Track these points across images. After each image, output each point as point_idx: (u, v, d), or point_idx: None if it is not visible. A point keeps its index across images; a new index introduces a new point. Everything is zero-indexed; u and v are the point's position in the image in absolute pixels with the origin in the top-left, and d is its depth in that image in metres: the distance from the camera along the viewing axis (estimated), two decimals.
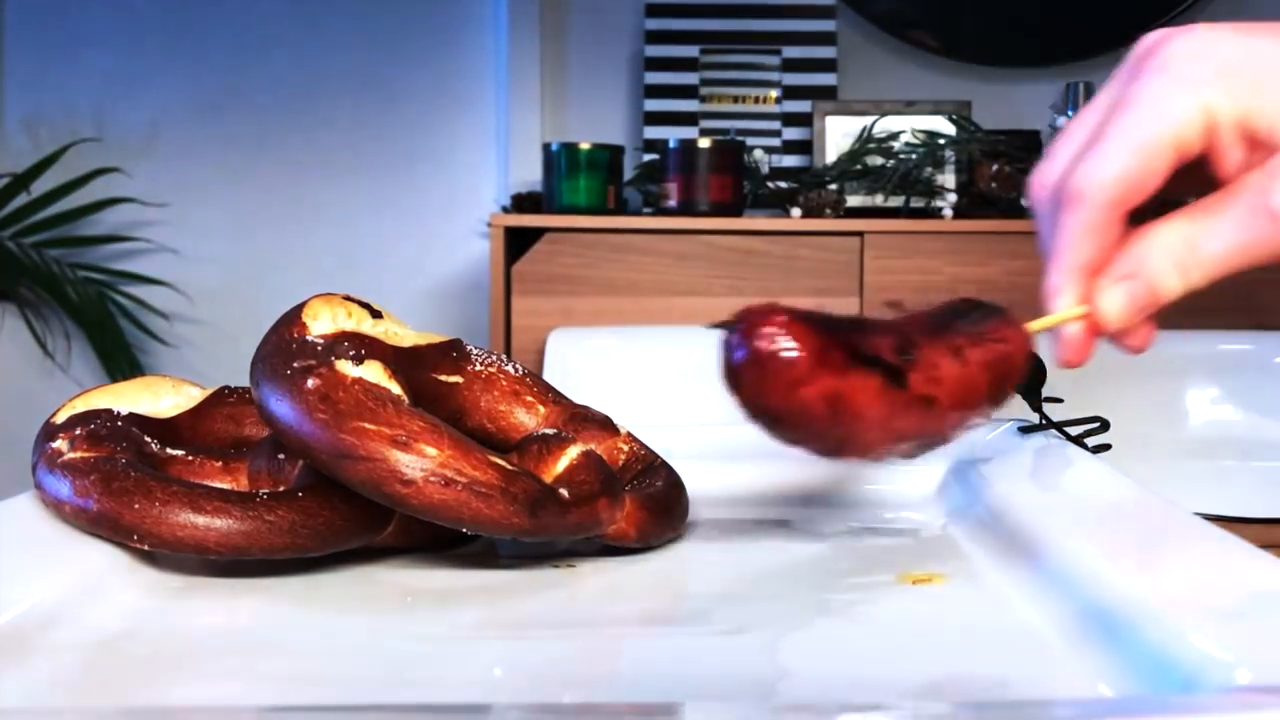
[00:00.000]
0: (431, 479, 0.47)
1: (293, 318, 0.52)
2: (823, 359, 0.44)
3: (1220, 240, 0.50)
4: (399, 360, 0.52)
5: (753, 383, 0.44)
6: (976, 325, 0.50)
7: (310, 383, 0.48)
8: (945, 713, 0.36)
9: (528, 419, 0.57)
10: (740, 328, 0.44)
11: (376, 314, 0.54)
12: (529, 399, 0.57)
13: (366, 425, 0.47)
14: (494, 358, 0.57)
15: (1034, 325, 0.52)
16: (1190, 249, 0.50)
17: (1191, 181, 0.52)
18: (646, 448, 0.59)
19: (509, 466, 0.49)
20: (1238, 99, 0.48)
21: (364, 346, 0.51)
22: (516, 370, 0.58)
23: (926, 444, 0.49)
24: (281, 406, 0.49)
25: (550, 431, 0.56)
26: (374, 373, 0.50)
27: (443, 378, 0.55)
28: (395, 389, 0.50)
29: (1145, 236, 0.50)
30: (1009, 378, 0.50)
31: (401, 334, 0.54)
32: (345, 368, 0.50)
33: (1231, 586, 0.42)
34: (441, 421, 0.49)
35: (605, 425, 0.58)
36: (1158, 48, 0.50)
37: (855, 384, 0.44)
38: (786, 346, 0.44)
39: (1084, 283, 0.51)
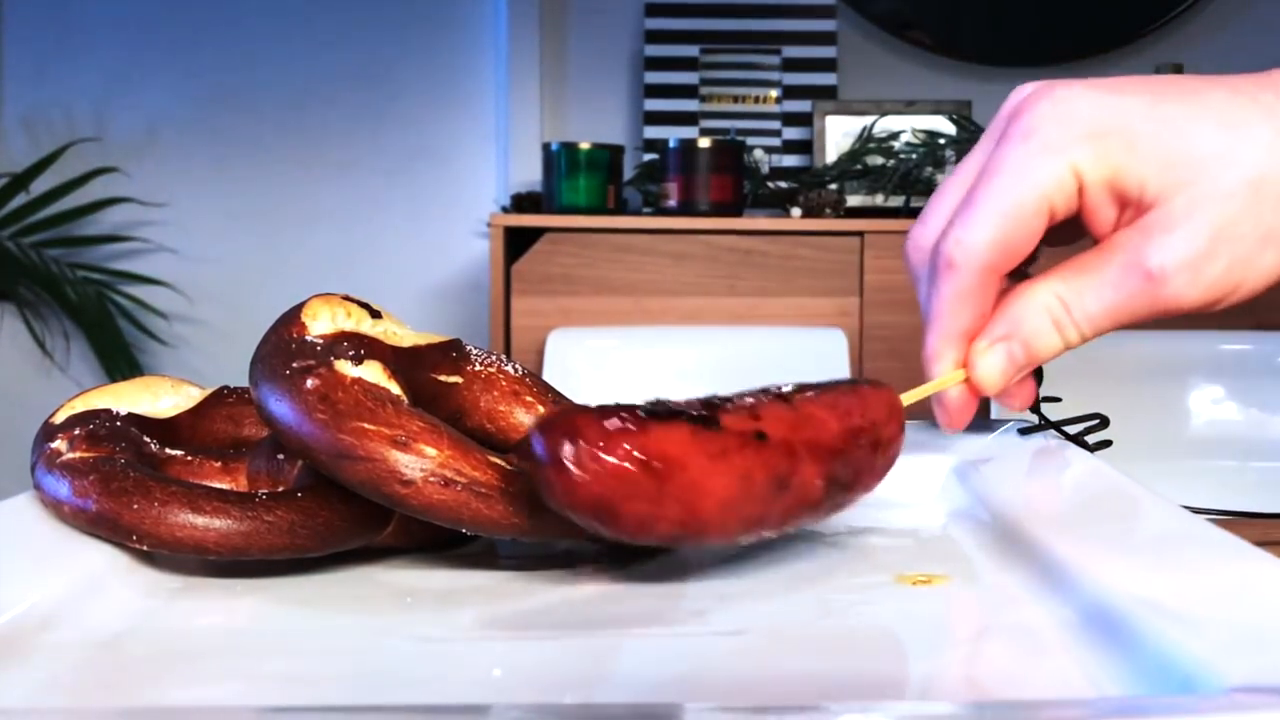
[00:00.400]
0: (431, 479, 0.47)
1: (292, 318, 0.52)
2: (620, 425, 0.43)
3: (1096, 300, 0.50)
4: (398, 360, 0.52)
5: (565, 472, 0.43)
6: (827, 385, 0.49)
7: (309, 383, 0.48)
8: (945, 713, 0.36)
9: (527, 419, 0.57)
10: (537, 435, 0.44)
11: (376, 314, 0.54)
12: (529, 399, 0.57)
13: (366, 425, 0.47)
14: (493, 358, 0.57)
15: (909, 396, 0.53)
16: (1066, 309, 0.50)
17: (1067, 234, 0.53)
18: None
19: (509, 466, 0.49)
20: (1105, 159, 0.48)
21: (363, 346, 0.51)
22: (516, 370, 0.58)
23: (812, 505, 0.47)
24: (280, 406, 0.49)
25: None
26: (373, 373, 0.50)
27: (442, 378, 0.55)
28: (395, 389, 0.50)
29: (1020, 296, 0.51)
30: (869, 426, 0.49)
31: (401, 334, 0.54)
32: (344, 368, 0.49)
33: (1231, 586, 0.42)
34: (441, 421, 0.49)
35: None
36: (1022, 111, 0.50)
37: (659, 435, 0.43)
38: (583, 423, 0.44)
39: (962, 348, 0.52)
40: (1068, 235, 0.54)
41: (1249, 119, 0.48)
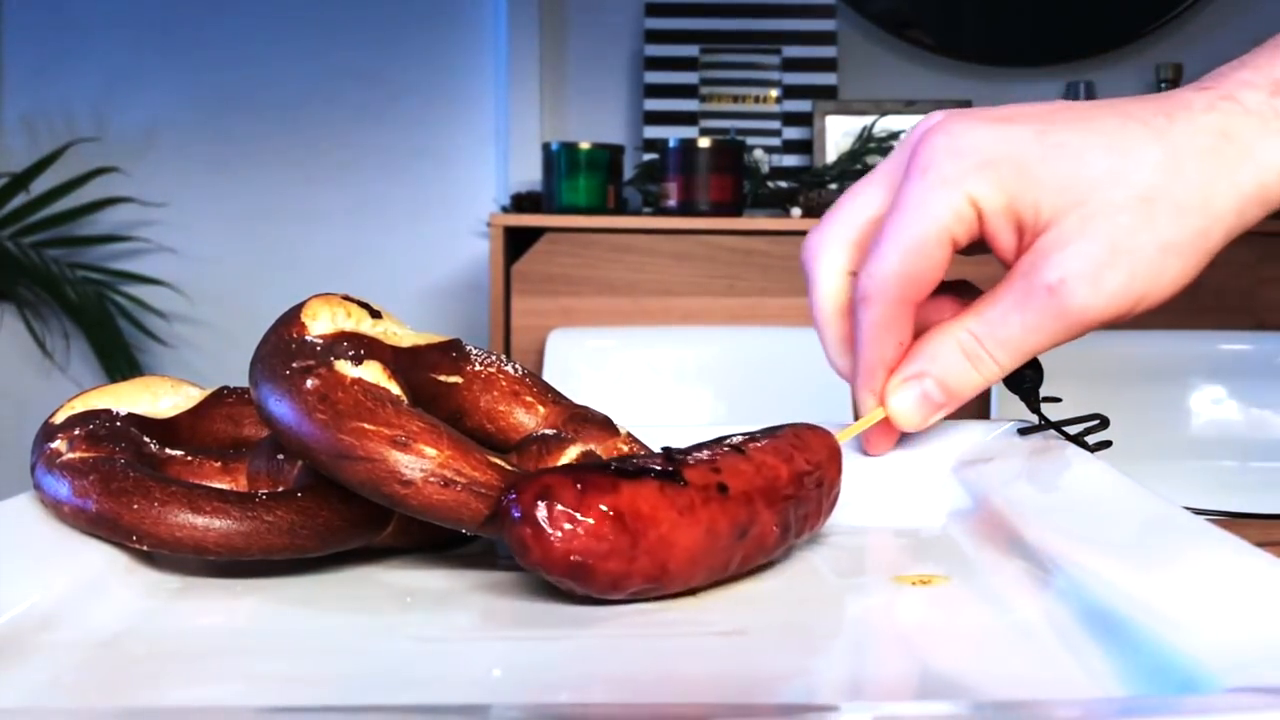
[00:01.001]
0: (431, 479, 0.47)
1: (291, 318, 0.52)
2: (590, 486, 0.44)
3: (1004, 326, 0.52)
4: (398, 360, 0.52)
5: (541, 533, 0.44)
6: (771, 432, 0.52)
7: (309, 383, 0.48)
8: (946, 713, 0.36)
9: (527, 419, 0.57)
10: (512, 497, 0.45)
11: (376, 314, 0.54)
12: (529, 399, 0.57)
13: (365, 425, 0.47)
14: (493, 358, 0.57)
15: (842, 435, 0.55)
16: (978, 341, 0.52)
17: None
18: (647, 448, 0.59)
19: (508, 467, 0.49)
20: (999, 187, 0.50)
21: (363, 346, 0.51)
22: (516, 370, 0.58)
23: (767, 549, 0.49)
24: (280, 407, 0.49)
25: (550, 432, 0.56)
26: (373, 373, 0.50)
27: (442, 378, 0.55)
28: (395, 389, 0.50)
29: (933, 335, 0.53)
30: (814, 468, 0.51)
31: (401, 334, 0.54)
32: (344, 368, 0.49)
33: (1231, 586, 0.42)
34: (441, 422, 0.49)
35: (605, 426, 0.58)
36: (920, 148, 0.52)
37: (630, 493, 0.44)
38: (556, 483, 0.45)
39: (881, 379, 0.55)
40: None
41: (1139, 141, 0.50)
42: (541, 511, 0.44)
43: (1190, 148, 0.50)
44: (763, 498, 0.48)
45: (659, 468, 0.46)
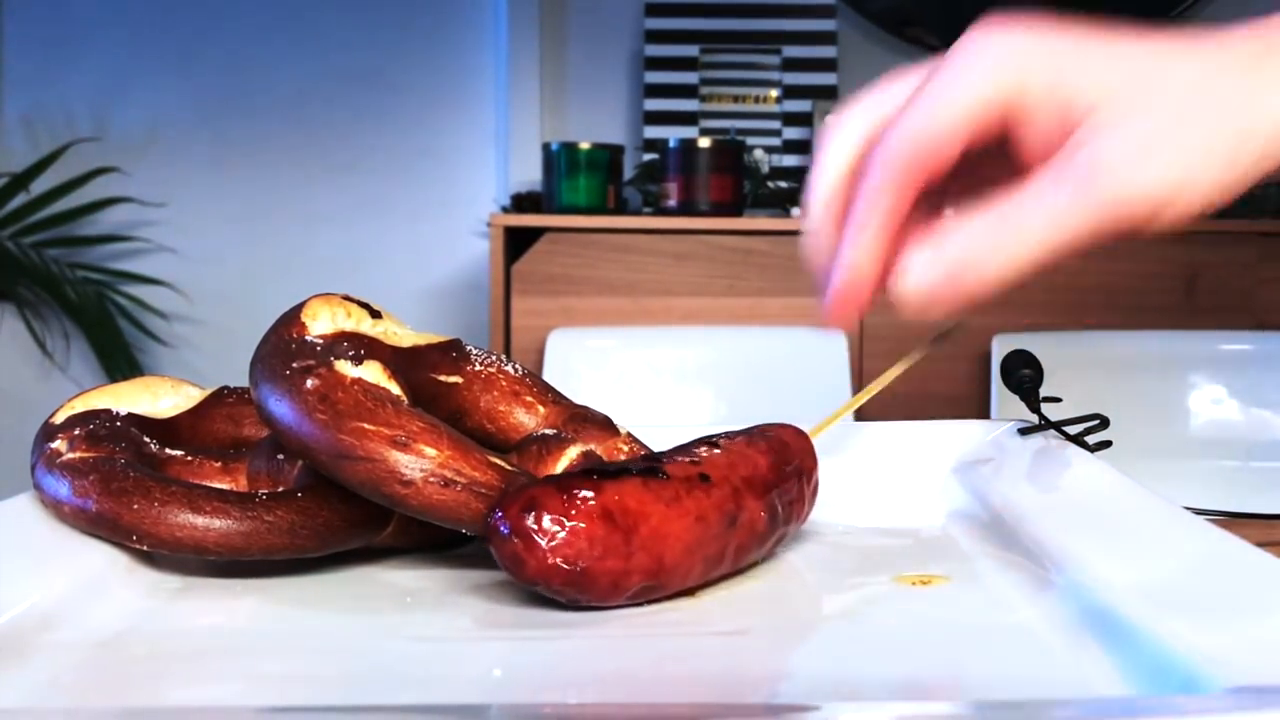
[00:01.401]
0: (431, 479, 0.47)
1: (291, 318, 0.52)
2: (575, 490, 0.45)
3: (1040, 211, 0.47)
4: (398, 360, 0.52)
5: (533, 544, 0.44)
6: (742, 431, 0.53)
7: (309, 383, 0.48)
8: (945, 713, 0.36)
9: (527, 419, 0.57)
10: (498, 514, 0.45)
11: (376, 314, 0.54)
12: (529, 399, 0.57)
13: (365, 425, 0.47)
14: (493, 358, 0.57)
15: (815, 430, 0.55)
16: (1010, 226, 0.47)
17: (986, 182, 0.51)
18: (647, 448, 0.59)
19: (508, 467, 0.49)
20: (1051, 66, 0.47)
21: (363, 346, 0.51)
22: (516, 370, 0.58)
23: (759, 538, 0.50)
24: (280, 407, 0.49)
25: (550, 432, 0.56)
26: (373, 373, 0.50)
27: (442, 378, 0.55)
28: (395, 389, 0.50)
29: (960, 220, 0.48)
30: (792, 458, 0.52)
31: (401, 334, 0.54)
32: (344, 368, 0.49)
33: (1231, 586, 0.42)
34: (441, 422, 0.49)
35: (605, 426, 0.58)
36: (969, 33, 0.49)
37: (614, 491, 0.45)
38: (540, 493, 0.45)
39: (878, 242, 0.49)
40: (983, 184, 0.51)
41: (1182, 48, 0.49)
42: (530, 522, 0.44)
43: (1232, 57, 0.48)
44: (745, 485, 0.49)
45: (639, 466, 0.47)
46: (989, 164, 0.50)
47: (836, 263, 0.51)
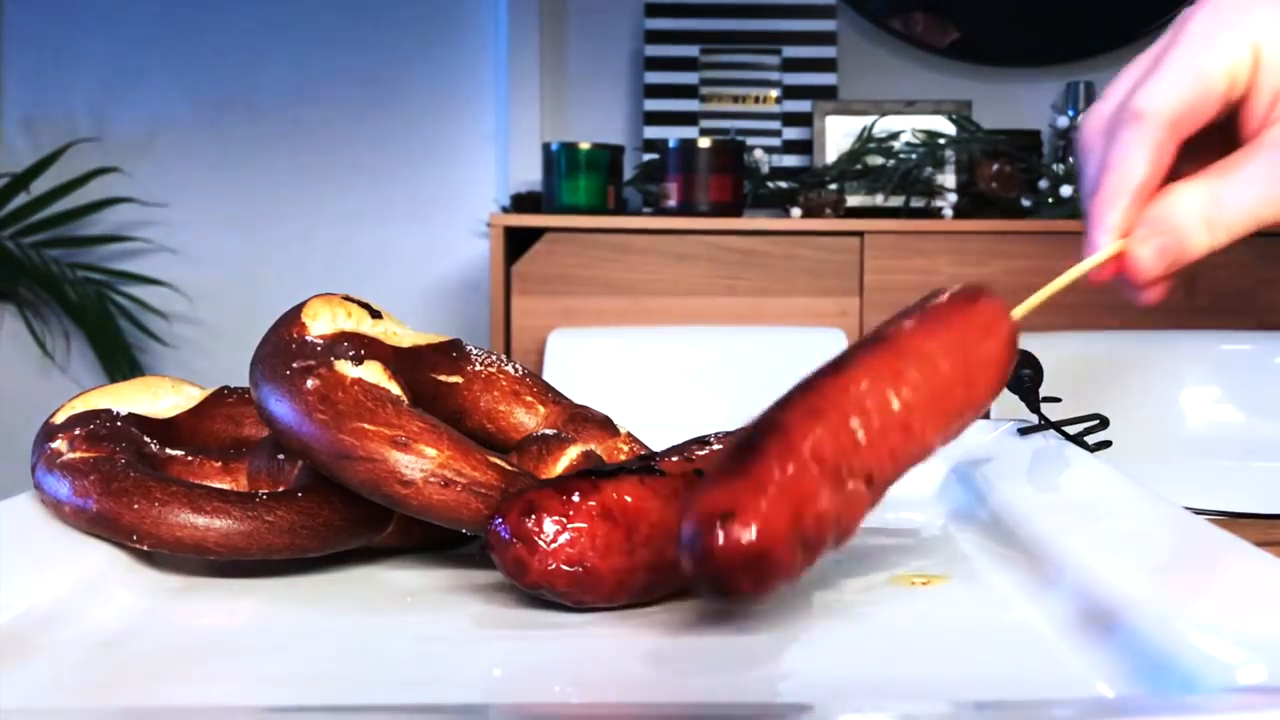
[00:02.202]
0: (431, 479, 0.47)
1: (292, 318, 0.52)
2: (573, 491, 0.45)
3: (1245, 195, 0.51)
4: (399, 360, 0.52)
5: (536, 546, 0.44)
6: (730, 432, 0.52)
7: (310, 383, 0.48)
8: (945, 713, 0.36)
9: (528, 419, 0.57)
10: (499, 520, 0.45)
11: (376, 314, 0.54)
12: (529, 399, 0.57)
13: (366, 426, 0.47)
14: (494, 358, 0.57)
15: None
16: (1216, 204, 0.51)
17: (1205, 153, 0.54)
18: (647, 448, 0.59)
19: (508, 467, 0.49)
20: (1278, 46, 0.50)
21: (363, 347, 0.51)
22: (516, 370, 0.58)
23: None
24: (281, 407, 0.49)
25: (550, 432, 0.56)
26: (373, 373, 0.50)
27: (442, 378, 0.55)
28: (395, 389, 0.50)
29: (1170, 195, 0.51)
30: None
31: (401, 334, 0.54)
32: (345, 368, 0.49)
33: (1231, 586, 0.42)
34: (441, 422, 0.49)
35: (605, 425, 0.58)
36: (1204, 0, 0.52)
37: (612, 489, 0.45)
38: (540, 497, 0.45)
39: (1132, 202, 0.51)
40: (1202, 157, 0.54)
41: None
42: (531, 525, 0.44)
43: None
44: None
45: (635, 466, 0.47)
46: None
47: (1095, 221, 0.52)
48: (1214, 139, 0.53)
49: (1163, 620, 0.38)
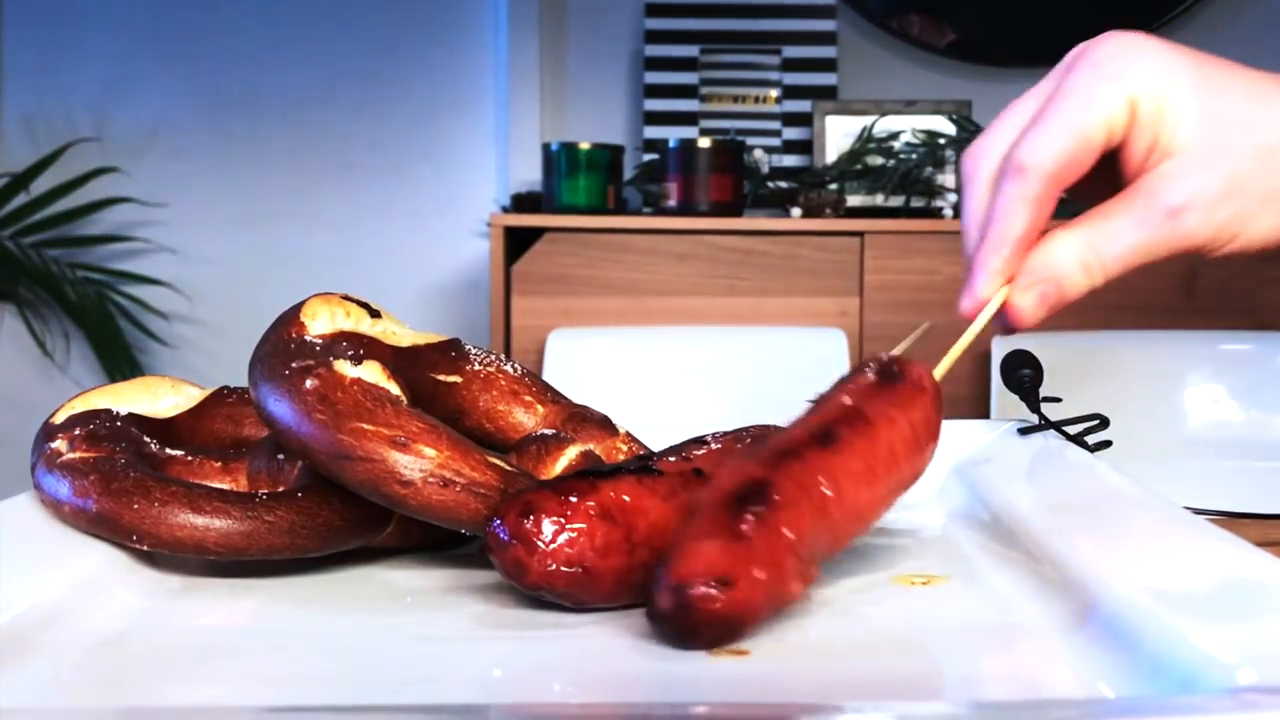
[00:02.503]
0: (430, 480, 0.47)
1: (291, 317, 0.52)
2: (571, 492, 0.45)
3: (1121, 241, 0.55)
4: (397, 360, 0.52)
5: (535, 547, 0.44)
6: (731, 431, 0.53)
7: (309, 383, 0.48)
8: (945, 713, 0.36)
9: (526, 418, 0.57)
10: (497, 522, 0.45)
11: (375, 313, 0.54)
12: (528, 398, 0.57)
13: (365, 426, 0.47)
14: (492, 357, 0.57)
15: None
16: (1094, 251, 0.55)
17: (1095, 188, 0.58)
18: (645, 447, 0.59)
19: (508, 467, 0.49)
20: (1155, 98, 0.55)
21: (362, 346, 0.51)
22: (515, 370, 0.58)
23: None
24: (280, 407, 0.49)
25: (549, 432, 0.56)
26: (372, 373, 0.50)
27: (441, 377, 0.55)
28: (394, 389, 0.50)
29: (1051, 243, 0.56)
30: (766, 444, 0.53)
31: (400, 333, 0.54)
32: (344, 368, 0.49)
33: (1231, 586, 0.42)
34: (440, 422, 0.49)
35: (604, 425, 0.58)
36: (1090, 48, 0.57)
37: (610, 489, 0.45)
38: (538, 498, 0.45)
39: (1014, 254, 0.55)
40: (1092, 191, 0.59)
41: (1273, 97, 0.55)
42: (530, 526, 0.44)
43: None
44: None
45: (632, 466, 0.47)
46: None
47: (979, 271, 0.57)
48: (1098, 172, 0.56)
49: (1163, 620, 0.38)
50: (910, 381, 0.51)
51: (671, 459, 0.49)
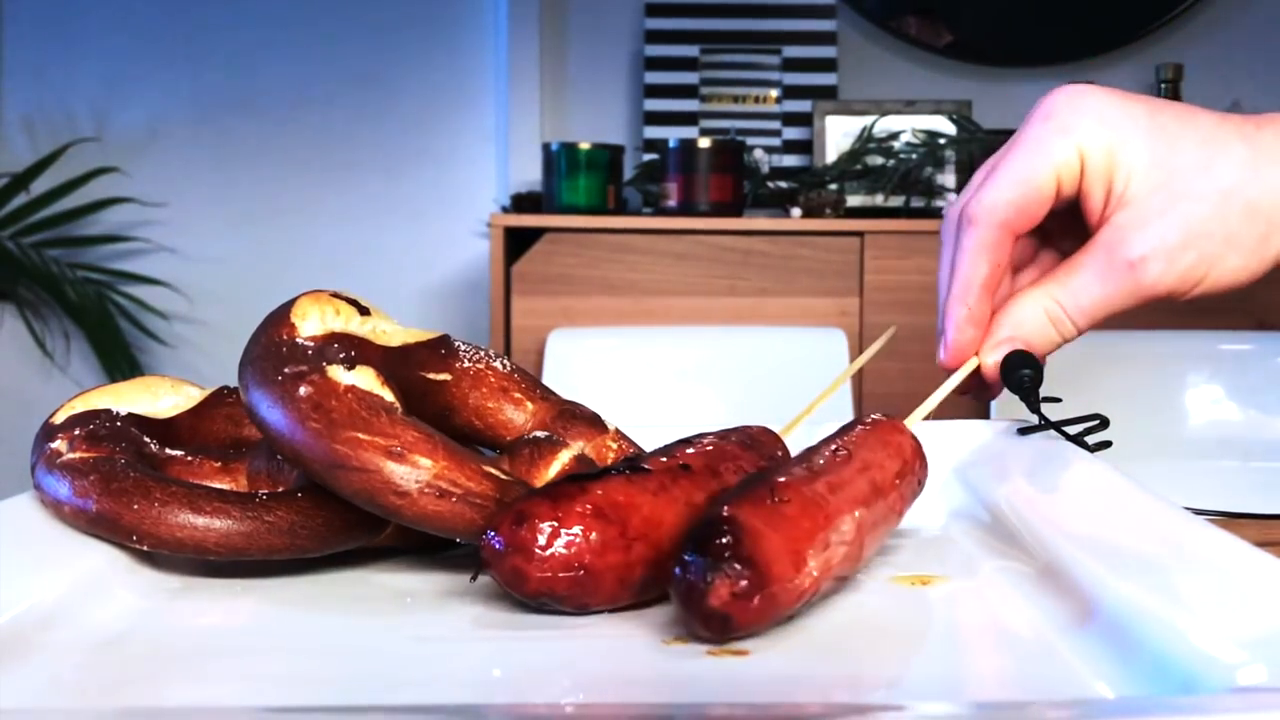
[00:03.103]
0: (426, 490, 0.47)
1: (281, 318, 0.52)
2: (562, 496, 0.45)
3: (1086, 295, 0.57)
4: (388, 361, 0.52)
5: (531, 554, 0.44)
6: (719, 432, 0.54)
7: (302, 390, 0.48)
8: (945, 713, 0.36)
9: (516, 415, 0.57)
10: (491, 533, 0.45)
11: (364, 310, 0.53)
12: (517, 395, 0.57)
13: (360, 435, 0.47)
14: (482, 354, 0.57)
15: (785, 430, 0.58)
16: (1061, 308, 0.57)
17: (1062, 238, 0.61)
18: (635, 445, 0.59)
19: (503, 476, 0.49)
20: (1105, 147, 0.56)
21: (354, 348, 0.51)
22: (504, 366, 0.58)
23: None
24: (273, 414, 0.48)
25: (542, 435, 0.56)
26: (366, 379, 0.49)
27: (431, 375, 0.55)
28: (388, 396, 0.49)
29: (1019, 302, 0.58)
30: (764, 450, 0.54)
31: (390, 331, 0.54)
32: (337, 374, 0.49)
33: (1231, 586, 0.42)
34: (435, 431, 0.49)
35: (594, 422, 0.58)
36: (1044, 102, 0.59)
37: (600, 489, 0.45)
38: (530, 505, 0.45)
39: (980, 302, 0.57)
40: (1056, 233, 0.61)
41: (1229, 140, 0.56)
42: (525, 533, 0.44)
43: (1273, 153, 0.55)
44: (728, 471, 0.50)
45: (621, 466, 0.47)
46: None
47: (949, 318, 0.59)
48: (1071, 221, 0.58)
49: (1163, 620, 0.38)
50: (888, 427, 0.54)
51: (663, 459, 0.49)
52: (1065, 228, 0.61)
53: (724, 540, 0.41)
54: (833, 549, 0.44)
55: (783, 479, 0.45)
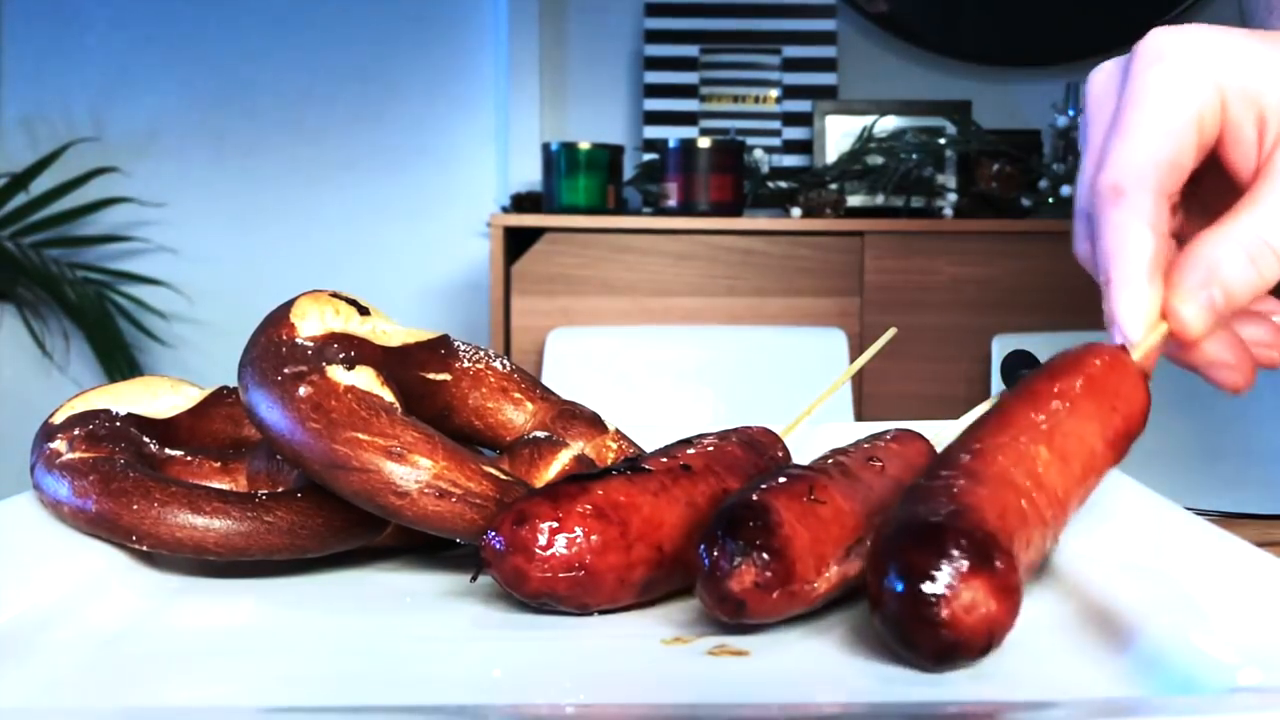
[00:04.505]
0: (426, 490, 0.47)
1: (280, 318, 0.51)
2: (563, 496, 0.45)
3: (1274, 239, 0.47)
4: (388, 361, 0.52)
5: (532, 554, 0.44)
6: (718, 432, 0.54)
7: (302, 390, 0.48)
8: (946, 713, 0.36)
9: (516, 415, 0.57)
10: (492, 534, 0.45)
11: (364, 310, 0.53)
12: (517, 395, 0.57)
13: (360, 436, 0.47)
14: (481, 354, 0.57)
15: (785, 431, 0.56)
16: (1264, 242, 0.47)
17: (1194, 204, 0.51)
18: (635, 444, 0.59)
19: (503, 477, 0.49)
20: (1241, 76, 0.48)
21: (354, 349, 0.51)
22: (504, 366, 0.58)
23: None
24: (273, 414, 0.48)
25: (541, 435, 0.56)
26: (366, 379, 0.49)
27: (430, 375, 0.55)
28: (388, 396, 0.49)
29: (1207, 241, 0.48)
30: (764, 450, 0.54)
31: (390, 331, 0.54)
32: (337, 374, 0.49)
33: (1231, 586, 0.42)
34: (435, 431, 0.49)
35: (594, 422, 0.58)
36: (1149, 45, 0.49)
37: (601, 489, 0.45)
38: (530, 505, 0.45)
39: (1154, 283, 0.47)
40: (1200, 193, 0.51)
41: None
42: (525, 533, 0.44)
43: None
44: (728, 471, 0.50)
45: (621, 467, 0.47)
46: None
47: (1119, 312, 0.48)
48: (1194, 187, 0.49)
49: (1163, 620, 0.38)
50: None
51: (660, 458, 0.49)
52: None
53: (756, 524, 0.41)
54: (851, 561, 0.44)
55: (821, 479, 0.45)
